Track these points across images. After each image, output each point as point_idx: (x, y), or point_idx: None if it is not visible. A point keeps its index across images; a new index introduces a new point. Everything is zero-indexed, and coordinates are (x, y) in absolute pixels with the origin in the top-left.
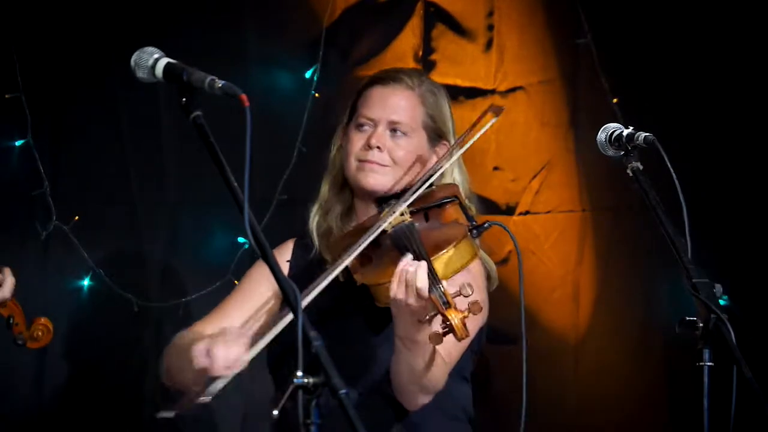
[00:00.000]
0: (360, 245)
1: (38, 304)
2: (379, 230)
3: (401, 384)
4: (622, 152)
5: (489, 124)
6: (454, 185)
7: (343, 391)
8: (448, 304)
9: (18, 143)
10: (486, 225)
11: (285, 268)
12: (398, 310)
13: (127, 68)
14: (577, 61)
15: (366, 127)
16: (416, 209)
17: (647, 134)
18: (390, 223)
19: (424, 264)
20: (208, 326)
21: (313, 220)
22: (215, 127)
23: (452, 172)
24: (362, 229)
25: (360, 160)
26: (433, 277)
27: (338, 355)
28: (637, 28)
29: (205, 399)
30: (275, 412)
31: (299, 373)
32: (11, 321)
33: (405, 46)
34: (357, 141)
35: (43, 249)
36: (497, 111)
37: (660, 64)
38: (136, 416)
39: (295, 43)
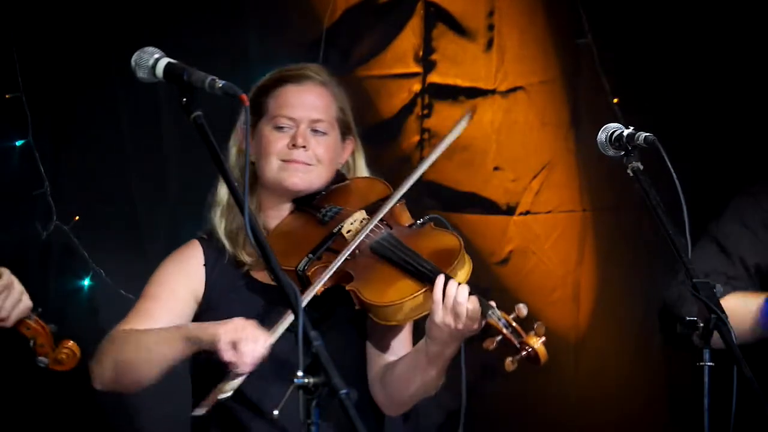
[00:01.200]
0: (334, 262)
1: (38, 304)
2: (355, 245)
3: (404, 395)
4: (623, 152)
5: (461, 124)
6: (375, 179)
7: (343, 391)
8: (516, 332)
9: (18, 143)
10: (428, 218)
11: (201, 272)
12: (442, 334)
13: (128, 68)
14: (577, 61)
15: (286, 128)
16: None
17: (648, 134)
18: (363, 234)
19: (465, 286)
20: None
21: (220, 225)
22: (215, 127)
23: (362, 164)
24: (300, 236)
25: (284, 160)
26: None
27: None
28: (637, 28)
29: (226, 395)
30: (276, 412)
31: (300, 373)
32: (34, 343)
33: (405, 46)
34: (277, 141)
35: (44, 249)
36: (471, 113)
37: (660, 64)
38: (136, 416)
39: (295, 43)
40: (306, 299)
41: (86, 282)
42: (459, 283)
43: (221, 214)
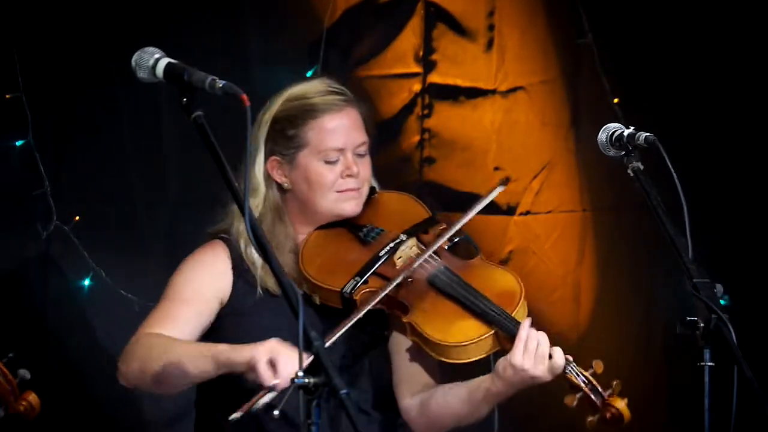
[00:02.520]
0: (386, 288)
1: (39, 304)
2: (407, 274)
3: (447, 423)
4: (623, 152)
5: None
6: (407, 196)
7: (343, 391)
8: (596, 390)
9: (19, 143)
10: (457, 240)
11: (229, 275)
12: (515, 376)
13: (128, 68)
14: (578, 61)
15: (335, 160)
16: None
17: (648, 134)
18: (417, 263)
19: (545, 336)
20: (164, 333)
21: (258, 257)
22: (216, 127)
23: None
24: (341, 255)
25: (340, 191)
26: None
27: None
28: (638, 28)
29: (259, 408)
30: (276, 412)
31: (300, 373)
32: None
33: (406, 46)
34: (330, 174)
35: (44, 249)
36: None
37: (661, 64)
38: (136, 416)
39: (296, 43)
40: (349, 324)
41: (86, 282)
42: (541, 333)
43: (255, 247)
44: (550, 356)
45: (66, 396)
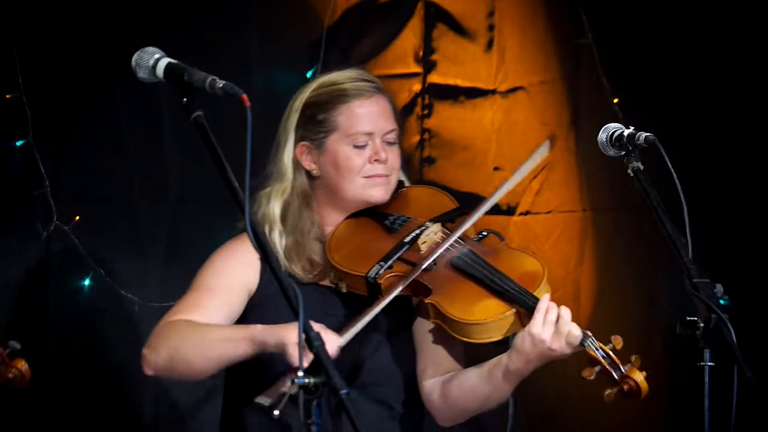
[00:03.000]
0: (413, 272)
1: (39, 304)
2: (434, 257)
3: (469, 407)
4: (623, 152)
5: (542, 151)
6: (434, 189)
7: (344, 391)
8: (615, 364)
9: (19, 143)
10: (485, 233)
11: (257, 266)
12: (533, 348)
13: (128, 68)
14: (578, 61)
15: (364, 144)
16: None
17: (648, 134)
18: (444, 247)
19: (568, 310)
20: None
21: (280, 243)
22: (216, 128)
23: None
24: (367, 243)
25: (367, 176)
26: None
27: (359, 366)
28: (638, 28)
29: (293, 392)
30: (276, 412)
31: (300, 373)
32: None
33: (406, 46)
34: (358, 158)
35: (44, 249)
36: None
37: (661, 65)
38: (137, 416)
39: (296, 43)
40: (379, 307)
41: (86, 282)
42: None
43: (279, 233)
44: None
45: (66, 396)
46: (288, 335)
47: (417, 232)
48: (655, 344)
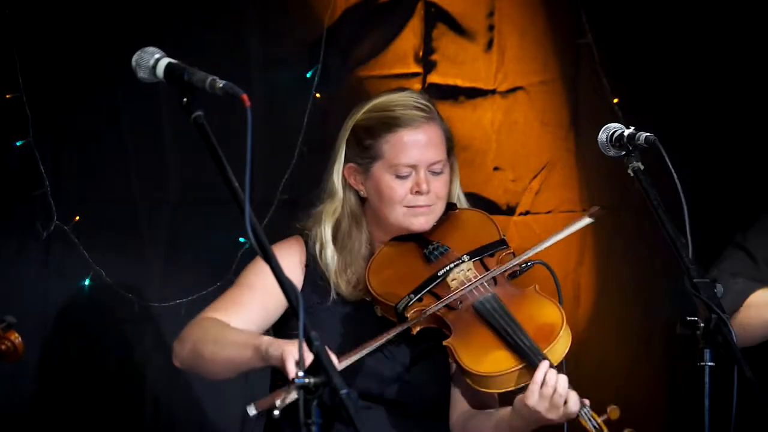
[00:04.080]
0: (430, 309)
1: (39, 304)
2: (453, 298)
3: None
4: (623, 152)
5: (582, 224)
6: (484, 216)
7: (344, 391)
8: None
9: (19, 143)
10: (530, 265)
11: (300, 272)
12: (530, 415)
13: (128, 68)
14: (577, 61)
15: (407, 175)
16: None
17: (648, 134)
18: (466, 290)
19: (565, 380)
20: (229, 319)
21: (332, 263)
22: (216, 128)
23: (456, 183)
24: (404, 270)
25: (409, 206)
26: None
27: (395, 397)
28: (638, 28)
29: (283, 405)
30: (276, 412)
31: (300, 373)
32: None
33: (405, 46)
34: (400, 188)
35: (44, 249)
36: (594, 214)
37: (661, 65)
38: (137, 416)
39: (295, 43)
40: (393, 334)
41: (86, 282)
42: (559, 373)
43: (332, 252)
44: (566, 402)
45: (66, 396)
46: (288, 349)
47: (452, 265)
48: (655, 344)
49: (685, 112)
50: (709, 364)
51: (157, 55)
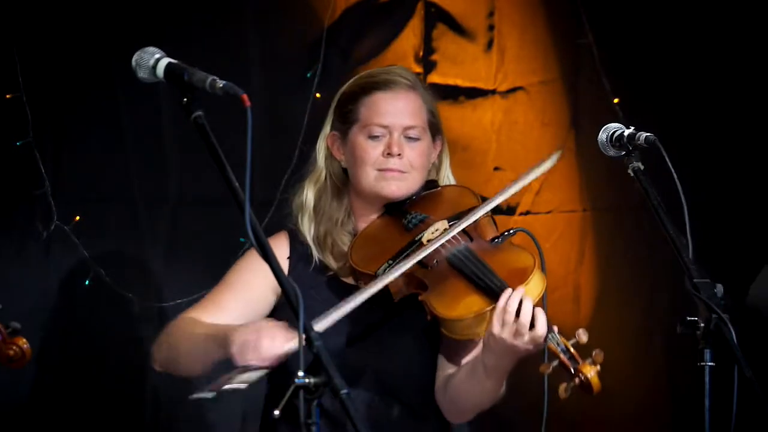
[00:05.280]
0: (402, 266)
1: (39, 304)
2: (426, 253)
3: (464, 404)
4: (623, 152)
5: (552, 160)
6: (466, 189)
7: (344, 391)
8: (573, 359)
9: (19, 143)
10: (512, 232)
11: (285, 264)
12: (497, 346)
13: (129, 68)
14: (578, 61)
15: (380, 136)
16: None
17: (648, 134)
18: (438, 243)
19: (529, 304)
20: (204, 316)
21: (309, 231)
22: (216, 127)
23: (447, 164)
24: (384, 241)
25: (380, 169)
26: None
27: (380, 368)
28: (638, 28)
29: (240, 386)
30: (276, 412)
31: (300, 373)
32: None
33: (406, 46)
34: (372, 150)
35: (44, 249)
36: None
37: (661, 65)
38: (137, 416)
39: (295, 43)
40: (367, 294)
41: (86, 282)
42: (522, 300)
43: (309, 219)
44: (533, 326)
45: (66, 396)
46: (233, 334)
47: (427, 229)
48: (655, 344)
49: (685, 112)
50: (709, 364)
51: (157, 55)
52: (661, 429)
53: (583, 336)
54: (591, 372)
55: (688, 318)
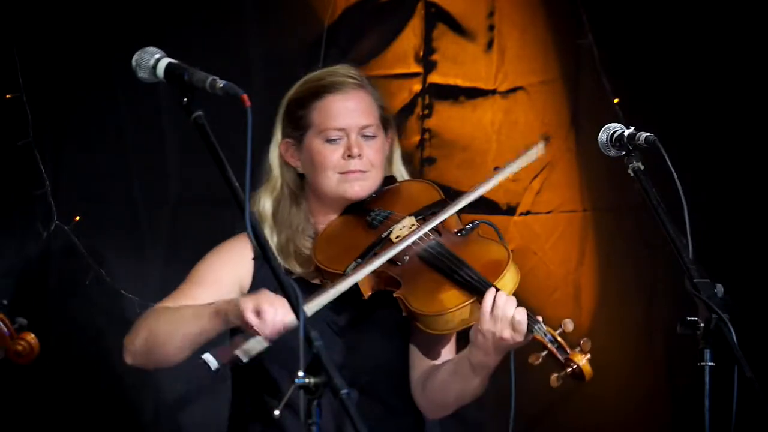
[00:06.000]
0: (374, 263)
1: (39, 304)
2: (399, 249)
3: (445, 400)
4: (624, 152)
5: (535, 149)
6: (425, 183)
7: (344, 391)
8: (562, 348)
9: (19, 143)
10: (475, 223)
11: (250, 265)
12: (486, 342)
13: (129, 68)
14: (578, 61)
15: (337, 139)
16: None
17: (648, 134)
18: (410, 240)
19: (513, 298)
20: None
21: (270, 240)
22: (216, 127)
23: (398, 157)
24: (349, 240)
25: (341, 172)
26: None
27: (353, 366)
28: (638, 28)
29: (243, 357)
30: (276, 412)
31: (300, 373)
32: None
33: (406, 46)
34: (331, 154)
35: (44, 249)
36: (545, 138)
37: (661, 65)
38: (137, 416)
39: (296, 43)
40: (338, 290)
41: (86, 282)
42: (506, 295)
43: (270, 229)
44: (515, 317)
45: (66, 396)
46: (244, 303)
47: (395, 227)
48: (655, 344)
49: (685, 112)
50: (709, 364)
51: (157, 55)
52: (661, 429)
53: (569, 325)
54: (582, 360)
55: (688, 318)
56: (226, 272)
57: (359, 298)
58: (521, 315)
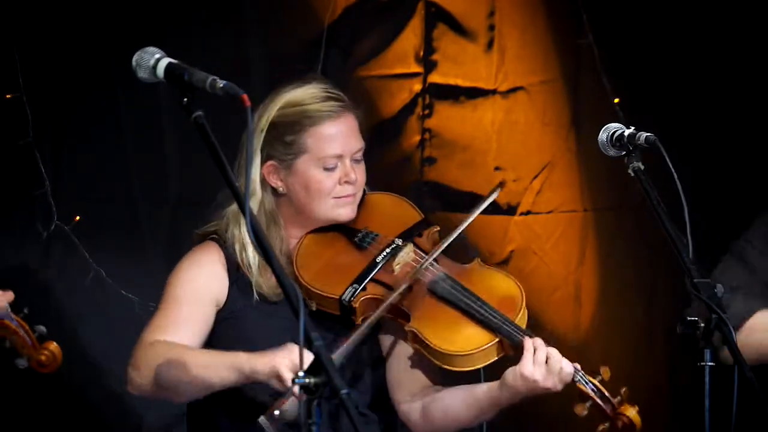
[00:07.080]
0: (391, 297)
1: (39, 305)
2: (407, 285)
3: (450, 427)
4: (624, 152)
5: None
6: (396, 198)
7: (344, 391)
8: (606, 398)
9: (19, 143)
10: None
11: (224, 277)
12: (525, 385)
13: (129, 68)
14: (578, 61)
15: (333, 167)
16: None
17: (648, 134)
18: (418, 273)
19: (556, 350)
20: (173, 338)
21: (254, 260)
22: (216, 127)
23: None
24: (339, 262)
25: (337, 197)
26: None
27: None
28: (638, 28)
29: (292, 415)
30: (276, 412)
31: (300, 373)
32: (10, 343)
33: (406, 46)
34: (328, 180)
35: (44, 249)
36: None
37: (661, 65)
38: (137, 416)
39: (296, 43)
40: (356, 334)
41: (86, 282)
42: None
43: (253, 253)
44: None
45: (66, 396)
46: (276, 361)
47: (388, 250)
48: (655, 344)
49: (685, 112)
50: (709, 364)
51: (157, 55)
52: (661, 429)
53: (606, 372)
54: (633, 412)
55: (688, 318)
56: (203, 287)
57: (333, 317)
58: (569, 367)
